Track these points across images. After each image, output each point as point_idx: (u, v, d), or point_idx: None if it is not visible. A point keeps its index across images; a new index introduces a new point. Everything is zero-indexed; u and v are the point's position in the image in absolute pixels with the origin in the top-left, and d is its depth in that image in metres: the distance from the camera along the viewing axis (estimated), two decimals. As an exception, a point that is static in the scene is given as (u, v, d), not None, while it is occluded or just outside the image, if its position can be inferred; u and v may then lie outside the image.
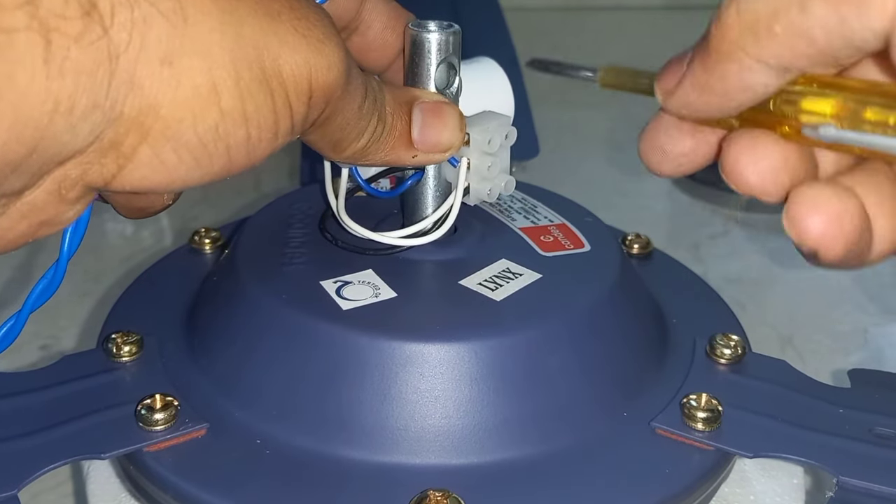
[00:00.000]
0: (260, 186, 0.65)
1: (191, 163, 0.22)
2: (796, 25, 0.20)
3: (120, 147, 0.21)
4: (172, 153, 0.21)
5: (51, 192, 0.21)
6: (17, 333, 0.27)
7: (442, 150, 0.29)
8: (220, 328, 0.32)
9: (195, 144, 0.21)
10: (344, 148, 0.26)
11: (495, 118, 0.31)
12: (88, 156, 0.20)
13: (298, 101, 0.23)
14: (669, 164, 0.26)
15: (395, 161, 0.28)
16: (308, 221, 0.35)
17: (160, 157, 0.21)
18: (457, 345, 0.28)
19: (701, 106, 0.23)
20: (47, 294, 0.27)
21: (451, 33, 0.30)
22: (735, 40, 0.21)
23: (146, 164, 0.21)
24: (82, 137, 0.20)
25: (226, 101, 0.21)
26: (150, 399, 0.29)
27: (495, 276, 0.32)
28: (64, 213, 0.22)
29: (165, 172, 0.22)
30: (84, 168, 0.21)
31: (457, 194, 0.31)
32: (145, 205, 0.27)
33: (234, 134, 0.22)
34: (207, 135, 0.21)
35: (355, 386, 0.28)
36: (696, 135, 0.25)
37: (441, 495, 0.26)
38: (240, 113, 0.22)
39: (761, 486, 0.31)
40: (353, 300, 0.30)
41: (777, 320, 0.51)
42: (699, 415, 0.29)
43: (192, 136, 0.21)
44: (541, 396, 0.29)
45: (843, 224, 0.22)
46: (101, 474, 0.31)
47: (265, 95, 0.22)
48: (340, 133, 0.26)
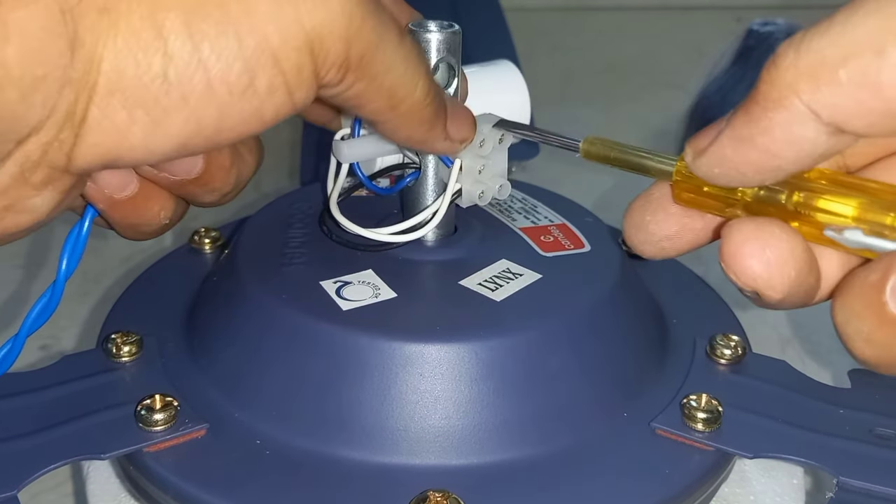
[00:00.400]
0: (260, 186, 0.65)
1: (145, 120, 0.20)
2: (868, 73, 0.18)
3: (73, 116, 0.20)
4: (122, 110, 0.20)
5: (13, 176, 0.20)
6: (16, 357, 0.27)
7: (462, 140, 0.29)
8: (220, 328, 0.32)
9: (145, 97, 0.20)
10: (401, 99, 0.24)
11: (491, 120, 0.31)
12: (47, 132, 0.20)
13: (287, 48, 0.21)
14: (652, 246, 0.25)
15: (431, 139, 0.27)
16: (308, 221, 0.35)
17: (110, 117, 0.20)
18: (457, 345, 0.28)
19: (737, 163, 0.20)
20: (45, 316, 0.27)
21: (450, 33, 0.30)
22: (790, 84, 0.19)
23: (97, 127, 0.20)
24: (36, 110, 0.19)
25: (172, 45, 0.19)
26: (149, 399, 0.29)
27: (495, 277, 0.32)
28: (29, 197, 0.21)
29: (119, 134, 0.20)
30: (44, 148, 0.20)
31: (445, 195, 0.31)
32: (138, 220, 0.26)
33: (188, 82, 0.20)
34: (155, 84, 0.20)
35: (355, 386, 0.28)
36: (682, 219, 0.24)
37: (441, 496, 0.26)
38: (191, 57, 0.20)
39: (761, 486, 0.31)
40: (353, 300, 0.30)
41: (777, 320, 0.51)
42: (699, 415, 0.29)
43: (138, 87, 0.20)
44: (541, 397, 0.29)
45: (785, 265, 0.21)
46: (101, 474, 0.31)
47: (227, 39, 0.20)
48: (391, 78, 0.23)
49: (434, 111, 0.26)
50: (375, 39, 0.23)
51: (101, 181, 0.25)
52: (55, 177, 0.21)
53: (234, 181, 0.27)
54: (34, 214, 0.22)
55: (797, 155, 0.20)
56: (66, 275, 0.26)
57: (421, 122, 0.26)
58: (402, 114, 0.25)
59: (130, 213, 0.26)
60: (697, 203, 0.24)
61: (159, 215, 0.26)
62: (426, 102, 0.25)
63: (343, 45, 0.22)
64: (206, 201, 0.27)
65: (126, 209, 0.26)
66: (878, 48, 0.18)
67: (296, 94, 0.22)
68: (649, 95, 0.84)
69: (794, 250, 0.21)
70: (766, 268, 0.21)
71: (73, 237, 0.27)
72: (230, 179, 0.27)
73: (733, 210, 0.23)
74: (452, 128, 0.28)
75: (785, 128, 0.19)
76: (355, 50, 0.22)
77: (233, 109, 0.21)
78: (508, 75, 0.34)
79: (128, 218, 0.26)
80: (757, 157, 0.20)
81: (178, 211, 0.28)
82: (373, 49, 0.23)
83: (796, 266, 0.21)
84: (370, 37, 0.22)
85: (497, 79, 0.34)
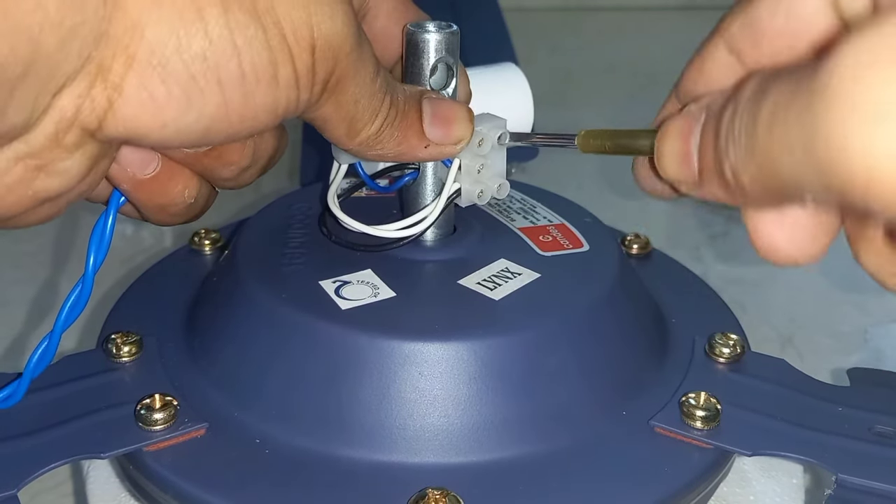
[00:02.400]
0: (260, 187, 0.65)
1: (181, 98, 0.21)
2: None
3: (108, 74, 0.20)
4: (161, 84, 0.21)
5: (48, 136, 0.21)
6: (53, 353, 0.27)
7: (453, 142, 0.29)
8: (220, 328, 0.32)
9: (183, 75, 0.21)
10: (358, 130, 0.26)
11: (490, 120, 0.31)
12: (80, 85, 0.20)
13: (299, 47, 0.22)
14: (663, 188, 0.26)
15: (407, 151, 0.28)
16: (308, 222, 0.35)
17: (148, 89, 0.21)
18: (455, 344, 0.28)
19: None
20: (77, 310, 0.27)
21: (449, 34, 0.30)
22: None
23: (135, 98, 0.21)
24: (73, 58, 0.20)
25: (212, 28, 0.21)
26: (149, 399, 0.29)
27: (494, 276, 0.32)
28: (61, 159, 0.22)
29: (155, 108, 0.21)
30: (77, 103, 0.21)
31: (442, 194, 0.31)
32: (164, 200, 0.26)
33: (225, 66, 0.21)
34: (195, 63, 0.21)
35: (354, 385, 0.28)
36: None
37: (440, 494, 0.26)
38: (228, 42, 0.21)
39: (761, 485, 0.31)
40: (352, 300, 0.30)
41: (777, 320, 0.51)
42: (698, 413, 0.29)
43: (178, 63, 0.21)
44: (539, 395, 0.29)
45: (814, 237, 0.21)
46: (101, 474, 0.31)
47: (256, 29, 0.21)
48: (355, 108, 0.25)
49: (399, 130, 0.27)
50: (354, 69, 0.24)
51: (124, 160, 0.25)
52: (85, 141, 0.22)
53: (250, 155, 0.27)
54: (64, 178, 0.22)
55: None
56: (95, 267, 0.27)
57: (383, 147, 0.27)
58: (360, 143, 0.27)
59: (156, 193, 0.26)
60: None
61: (183, 194, 0.27)
62: (382, 129, 0.27)
63: (333, 62, 0.23)
64: (224, 177, 0.27)
65: (151, 189, 0.26)
66: None
67: (302, 93, 0.23)
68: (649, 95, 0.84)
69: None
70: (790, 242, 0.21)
71: (100, 228, 0.27)
72: (247, 153, 0.27)
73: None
74: (436, 133, 0.28)
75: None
76: (337, 72, 0.24)
77: (256, 97, 0.22)
78: (512, 78, 0.34)
79: (154, 198, 0.26)
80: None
81: (204, 191, 0.28)
82: (349, 77, 0.24)
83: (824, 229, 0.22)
84: (351, 65, 0.24)
85: (501, 81, 0.34)
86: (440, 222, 0.33)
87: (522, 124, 0.33)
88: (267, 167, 0.29)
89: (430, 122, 0.28)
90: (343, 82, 0.24)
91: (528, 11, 1.03)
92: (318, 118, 0.25)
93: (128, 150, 0.25)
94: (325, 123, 0.26)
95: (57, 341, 0.27)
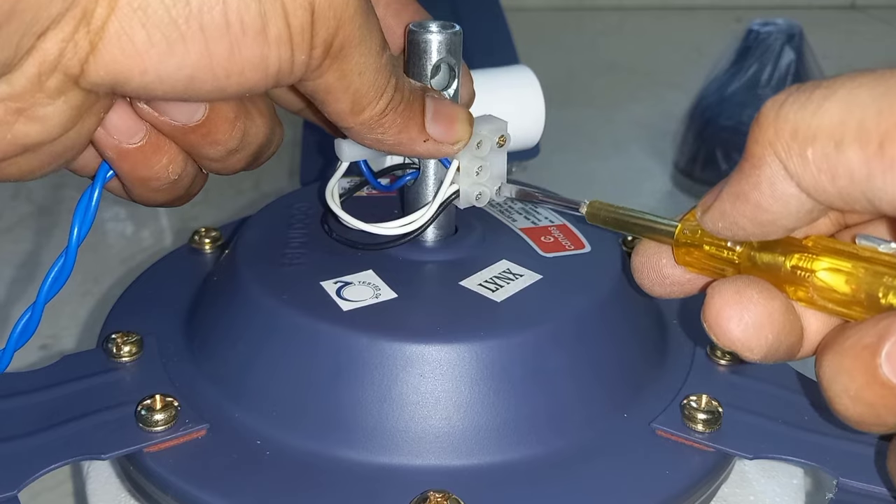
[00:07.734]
0: (260, 186, 0.65)
1: (162, 43, 0.21)
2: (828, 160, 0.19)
3: (91, 18, 0.20)
4: (141, 28, 0.21)
5: (30, 78, 0.21)
6: (37, 324, 0.27)
7: (451, 141, 0.29)
8: (221, 328, 0.32)
9: (164, 18, 0.21)
10: (363, 107, 0.25)
11: (490, 122, 0.31)
12: (64, 28, 0.20)
13: (295, 4, 0.22)
14: (661, 287, 0.27)
15: (406, 141, 0.28)
16: (308, 221, 0.35)
17: (129, 33, 0.21)
18: (457, 346, 0.28)
19: (735, 217, 0.22)
20: (60, 282, 0.27)
21: (451, 34, 0.30)
22: (770, 143, 0.20)
23: (116, 42, 0.21)
24: (58, 1, 0.20)
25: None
26: (150, 399, 0.29)
27: (496, 277, 0.32)
28: (42, 104, 0.22)
29: (136, 53, 0.21)
30: (61, 47, 0.21)
31: (438, 195, 0.31)
32: (147, 173, 0.26)
33: (208, 12, 0.21)
34: (177, 7, 0.21)
35: (355, 387, 0.28)
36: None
37: (441, 496, 0.26)
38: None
39: (761, 487, 0.31)
40: (354, 301, 0.30)
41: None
42: (699, 416, 0.29)
43: (159, 7, 0.20)
44: (541, 397, 0.29)
45: (762, 328, 0.21)
46: (101, 474, 0.31)
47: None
48: (360, 80, 0.24)
49: (403, 116, 0.27)
50: (359, 36, 0.24)
51: (111, 126, 0.25)
52: (68, 87, 0.22)
53: (239, 136, 0.27)
54: (45, 125, 0.22)
55: (786, 209, 0.21)
56: (79, 239, 0.27)
57: (385, 132, 0.27)
58: (363, 122, 0.26)
59: (140, 165, 0.26)
60: (698, 265, 0.25)
61: (168, 168, 0.26)
62: (386, 111, 0.26)
63: (335, 24, 0.23)
64: (211, 157, 0.27)
65: (136, 159, 0.26)
66: (838, 140, 0.19)
67: (297, 53, 0.23)
68: (649, 95, 0.84)
69: (772, 314, 0.22)
70: (743, 331, 0.22)
71: (86, 201, 0.27)
72: (235, 134, 0.26)
73: (730, 271, 0.24)
74: (437, 130, 0.28)
75: (770, 184, 0.20)
76: (341, 36, 0.23)
77: (243, 50, 0.22)
78: (524, 80, 0.34)
79: (137, 170, 0.26)
80: (751, 212, 0.21)
81: (189, 170, 0.27)
82: (354, 44, 0.24)
83: (773, 329, 0.22)
84: (356, 31, 0.23)
85: (513, 83, 0.34)
86: (441, 223, 0.33)
87: (533, 126, 0.33)
88: (258, 157, 0.28)
89: (432, 119, 0.28)
90: (347, 49, 0.23)
91: (529, 11, 1.03)
92: (320, 88, 0.25)
93: (115, 116, 0.25)
94: (328, 95, 0.25)
95: (40, 312, 0.27)
